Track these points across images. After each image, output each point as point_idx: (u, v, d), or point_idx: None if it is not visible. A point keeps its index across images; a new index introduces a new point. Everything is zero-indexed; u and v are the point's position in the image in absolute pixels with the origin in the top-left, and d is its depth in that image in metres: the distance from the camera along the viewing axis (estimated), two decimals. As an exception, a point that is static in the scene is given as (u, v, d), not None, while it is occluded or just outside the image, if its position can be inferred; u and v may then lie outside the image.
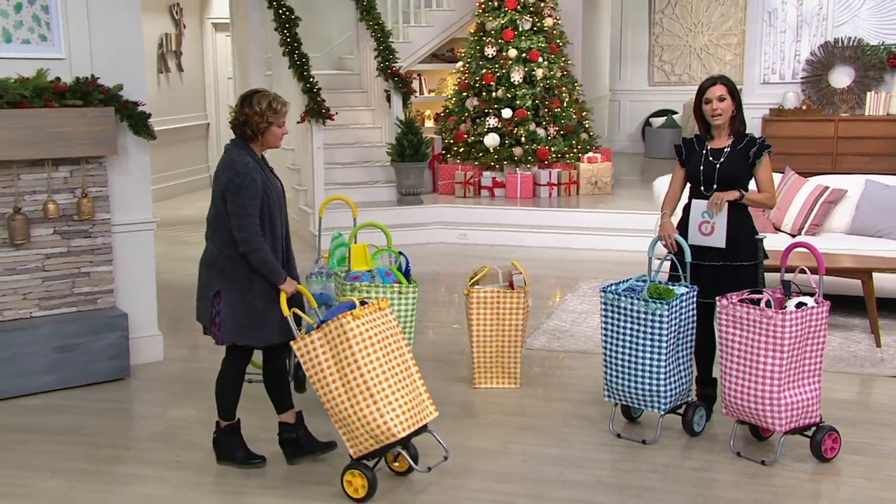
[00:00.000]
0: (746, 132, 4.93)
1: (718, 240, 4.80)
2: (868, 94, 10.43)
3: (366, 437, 4.03)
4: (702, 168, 4.88)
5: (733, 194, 4.77)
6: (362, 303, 4.17)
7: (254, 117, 4.28)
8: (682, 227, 4.95)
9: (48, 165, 5.51)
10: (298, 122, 9.65)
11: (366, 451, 4.08)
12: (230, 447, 4.52)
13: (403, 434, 4.02)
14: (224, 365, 4.53)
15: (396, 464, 4.34)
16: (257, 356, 4.62)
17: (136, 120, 5.71)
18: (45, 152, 5.41)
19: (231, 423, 4.54)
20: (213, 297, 4.32)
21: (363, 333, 4.00)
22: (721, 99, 4.82)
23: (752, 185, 4.92)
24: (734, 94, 4.85)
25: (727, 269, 4.84)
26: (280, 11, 10.12)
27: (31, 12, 5.46)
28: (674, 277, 4.94)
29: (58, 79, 5.45)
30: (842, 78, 10.59)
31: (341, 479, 4.17)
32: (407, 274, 5.20)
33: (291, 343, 4.12)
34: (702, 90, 4.87)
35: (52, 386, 5.48)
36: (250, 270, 4.25)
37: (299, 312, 4.30)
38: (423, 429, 4.18)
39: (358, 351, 3.97)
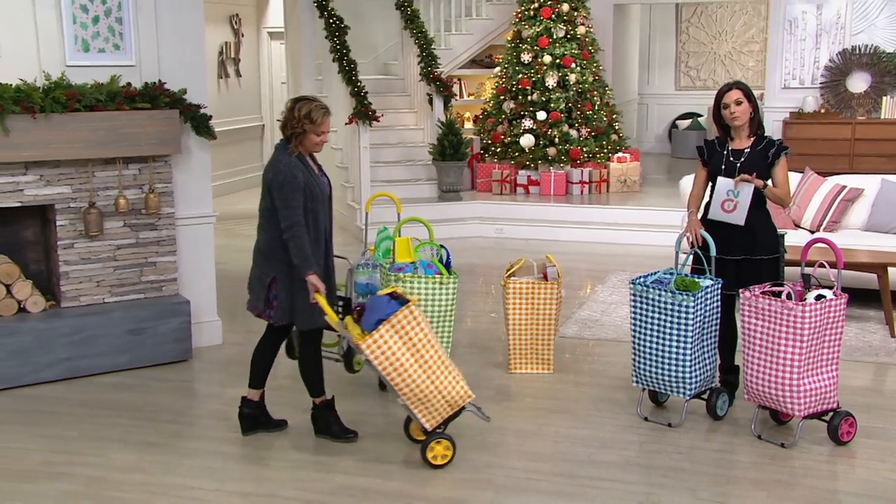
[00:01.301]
0: (765, 134, 4.88)
1: (739, 217, 4.74)
2: (884, 98, 10.26)
3: (443, 405, 4.21)
4: (723, 167, 4.84)
5: (758, 181, 4.72)
6: (391, 296, 4.28)
7: (291, 121, 4.37)
8: (705, 224, 4.90)
9: (119, 163, 5.59)
10: (346, 124, 9.69)
11: (440, 420, 4.25)
12: (326, 422, 4.60)
13: (472, 393, 4.28)
14: (301, 351, 4.59)
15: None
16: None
17: (199, 121, 5.77)
18: (117, 151, 5.49)
19: (324, 399, 4.61)
20: (270, 282, 4.41)
21: (424, 317, 4.19)
22: (738, 103, 4.77)
23: (768, 183, 4.87)
24: (750, 97, 4.80)
25: (749, 263, 4.80)
26: (330, 21, 10.16)
27: (107, 24, 5.54)
28: (696, 270, 4.90)
29: (129, 84, 5.52)
30: (859, 83, 10.42)
31: (423, 454, 4.24)
32: (448, 266, 5.21)
33: (361, 343, 4.14)
34: (719, 96, 4.83)
35: (123, 366, 5.57)
36: None
37: (335, 320, 4.33)
38: None
39: (429, 331, 4.18)
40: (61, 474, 4.25)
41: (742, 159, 4.80)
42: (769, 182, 4.80)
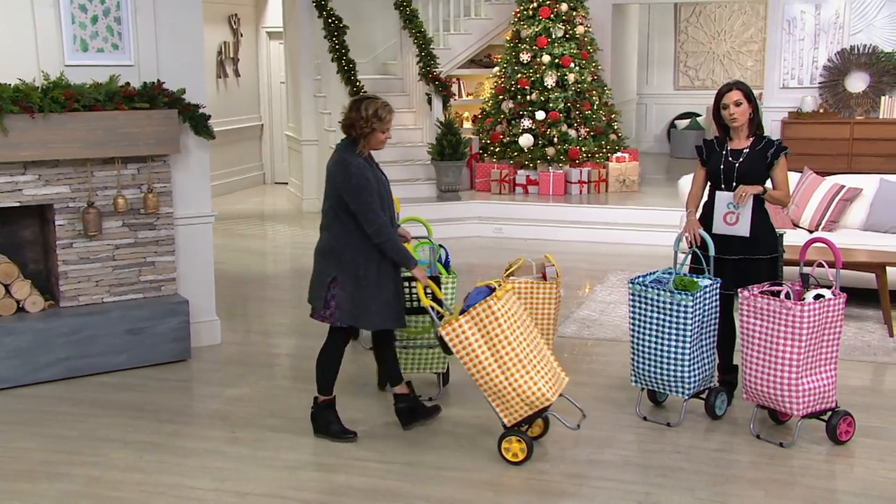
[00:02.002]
0: (764, 134, 4.88)
1: (743, 229, 4.75)
2: (882, 98, 10.27)
3: (521, 404, 4.17)
4: (722, 167, 4.83)
5: (757, 188, 4.73)
6: (490, 288, 4.29)
7: (359, 121, 4.38)
8: (704, 220, 4.91)
9: (118, 163, 5.59)
10: (346, 124, 9.68)
11: (519, 419, 4.22)
12: (326, 421, 4.58)
13: (555, 398, 4.21)
14: (327, 344, 4.59)
15: (530, 430, 4.40)
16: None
17: (197, 121, 5.76)
18: (116, 151, 5.48)
19: (328, 398, 4.60)
20: (330, 282, 4.41)
21: (507, 312, 4.15)
22: (737, 104, 4.77)
23: (767, 183, 4.87)
24: (750, 97, 4.80)
25: (747, 262, 4.80)
26: (329, 21, 10.17)
27: (106, 24, 5.54)
28: (695, 270, 4.90)
29: (127, 84, 5.52)
30: (857, 83, 10.43)
31: (499, 446, 4.27)
32: (447, 265, 5.21)
33: (440, 330, 4.16)
34: (719, 96, 4.82)
35: (122, 365, 5.57)
36: (365, 261, 4.36)
37: (435, 305, 4.38)
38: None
39: (507, 328, 4.12)
40: (60, 474, 4.24)
41: (741, 159, 4.80)
42: (767, 184, 4.80)
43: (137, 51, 5.63)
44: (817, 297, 4.36)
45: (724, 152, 4.86)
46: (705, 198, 4.99)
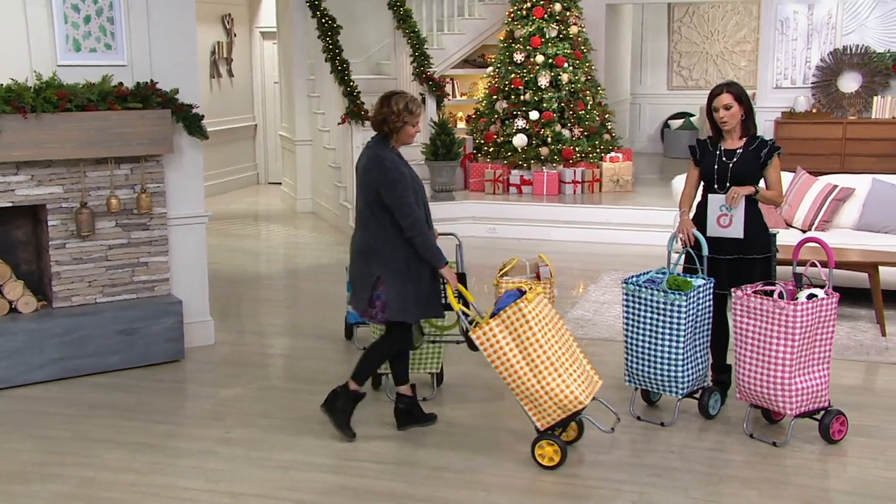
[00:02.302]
0: (758, 134, 4.88)
1: (737, 231, 4.76)
2: (875, 98, 10.30)
3: (554, 408, 4.12)
4: (716, 167, 4.84)
5: (749, 189, 4.73)
6: (521, 291, 4.25)
7: (391, 116, 4.39)
8: (697, 221, 4.91)
9: (111, 163, 5.58)
10: (339, 124, 9.68)
11: (552, 423, 4.17)
12: (341, 408, 4.56)
13: (588, 401, 4.15)
14: (385, 340, 4.58)
15: (564, 434, 4.36)
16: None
17: (191, 121, 5.75)
18: (109, 151, 5.47)
19: (358, 390, 4.59)
20: (375, 281, 4.39)
21: (538, 315, 4.11)
22: (727, 107, 4.77)
23: (760, 183, 4.88)
24: (741, 99, 4.78)
25: (741, 262, 4.81)
26: (323, 21, 10.15)
27: (99, 23, 5.52)
28: (689, 270, 4.91)
29: (120, 84, 5.50)
30: (850, 83, 10.46)
31: (532, 451, 4.23)
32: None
33: (471, 334, 4.14)
34: (711, 97, 4.83)
35: (115, 366, 5.56)
36: (406, 256, 4.37)
37: (465, 309, 4.36)
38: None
39: (538, 331, 4.07)
40: (53, 475, 4.23)
41: (734, 159, 4.81)
42: (760, 184, 4.80)
43: (130, 51, 5.62)
44: (810, 296, 4.37)
45: (717, 152, 4.87)
46: (698, 198, 5.00)
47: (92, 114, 5.34)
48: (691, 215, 4.95)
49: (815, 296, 4.36)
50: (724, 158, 4.84)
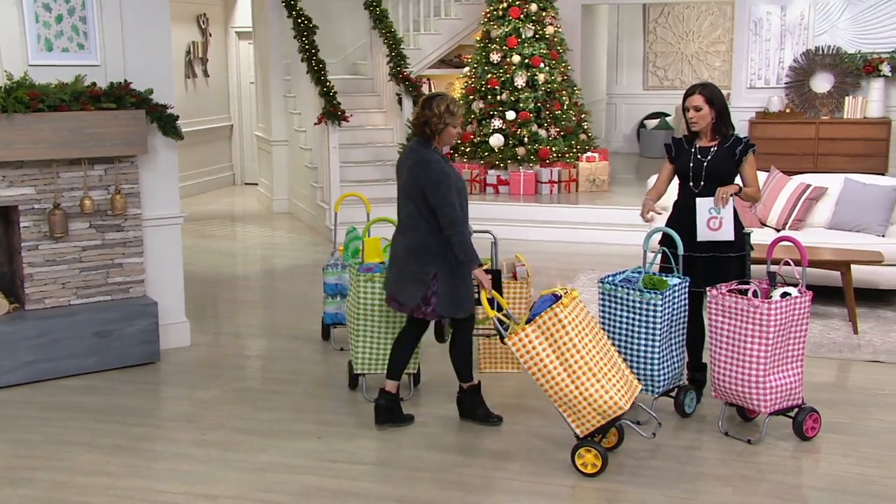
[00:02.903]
0: (732, 133, 4.91)
1: (727, 233, 4.76)
2: (846, 98, 10.41)
3: (593, 414, 4.07)
4: (691, 165, 4.87)
5: (734, 188, 4.75)
6: (556, 296, 4.18)
7: (433, 118, 4.48)
8: (678, 223, 4.92)
9: (85, 164, 5.52)
10: (315, 124, 9.65)
11: (592, 429, 4.13)
12: (472, 405, 4.73)
13: (628, 406, 4.10)
14: (458, 339, 4.71)
15: (605, 440, 4.31)
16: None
17: (165, 122, 5.71)
18: (82, 152, 5.42)
19: (472, 383, 4.74)
20: (432, 279, 4.47)
21: (574, 320, 4.06)
22: (697, 109, 4.81)
23: (738, 181, 4.92)
24: (713, 101, 4.80)
25: (716, 260, 4.83)
26: (299, 20, 10.11)
27: (71, 23, 5.47)
28: (665, 269, 4.93)
29: (94, 84, 5.45)
30: (822, 83, 10.57)
31: (572, 459, 4.18)
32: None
33: (507, 340, 4.15)
34: (684, 96, 4.87)
35: (89, 368, 5.50)
36: (454, 252, 4.46)
37: (501, 317, 4.36)
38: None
39: (575, 336, 4.02)
40: (24, 479, 4.18)
41: (709, 157, 4.84)
42: (739, 182, 4.84)
43: (104, 50, 5.57)
44: (784, 295, 4.40)
45: (692, 150, 4.90)
46: (674, 196, 5.02)
47: (65, 114, 5.29)
48: (666, 217, 4.98)
49: (789, 294, 4.40)
50: (698, 156, 4.87)
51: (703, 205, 4.78)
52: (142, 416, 4.92)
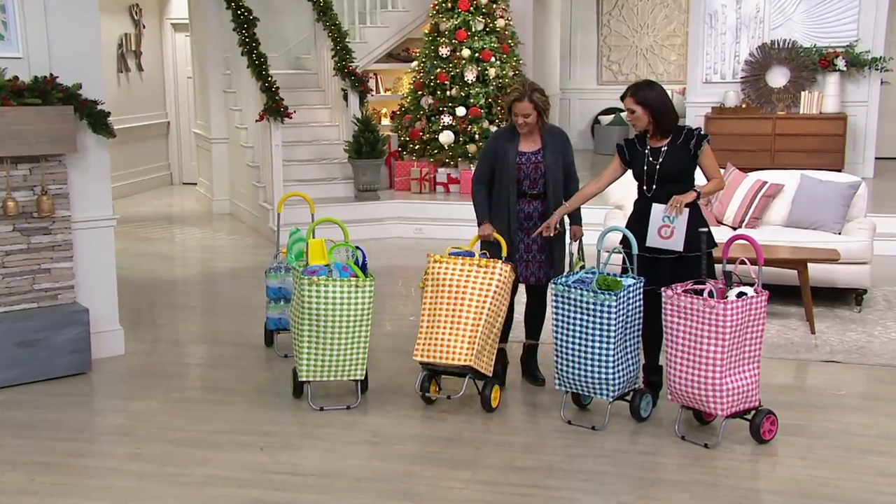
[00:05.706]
0: (683, 126, 4.95)
1: (677, 243, 4.80)
2: (802, 93, 10.62)
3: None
4: (644, 168, 4.91)
5: (690, 196, 4.78)
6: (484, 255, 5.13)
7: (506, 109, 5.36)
8: (632, 225, 4.96)
9: (7, 163, 5.40)
10: (257, 121, 9.56)
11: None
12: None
13: (416, 357, 4.97)
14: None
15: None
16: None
17: (96, 118, 5.61)
18: (4, 150, 5.29)
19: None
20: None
21: (436, 275, 5.00)
22: (631, 111, 4.86)
23: (700, 178, 4.97)
24: (645, 103, 4.82)
25: (683, 260, 4.85)
26: (238, 12, 10.01)
27: (-11, 12, 5.34)
28: (626, 270, 4.95)
29: (15, 77, 5.33)
30: (778, 78, 10.76)
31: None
32: (364, 268, 5.17)
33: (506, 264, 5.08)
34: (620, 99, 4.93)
35: (13, 381, 5.37)
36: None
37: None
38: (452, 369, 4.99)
39: (430, 287, 5.03)
40: (-55, 500, 4.08)
41: (661, 158, 4.87)
42: (701, 181, 4.88)
43: (26, 42, 5.44)
44: (740, 294, 4.46)
45: (645, 151, 4.93)
46: (632, 192, 5.05)
47: (-15, 110, 5.17)
48: (626, 220, 5.04)
49: (745, 294, 4.46)
50: (650, 158, 4.90)
51: (658, 211, 4.83)
52: (71, 431, 4.82)
